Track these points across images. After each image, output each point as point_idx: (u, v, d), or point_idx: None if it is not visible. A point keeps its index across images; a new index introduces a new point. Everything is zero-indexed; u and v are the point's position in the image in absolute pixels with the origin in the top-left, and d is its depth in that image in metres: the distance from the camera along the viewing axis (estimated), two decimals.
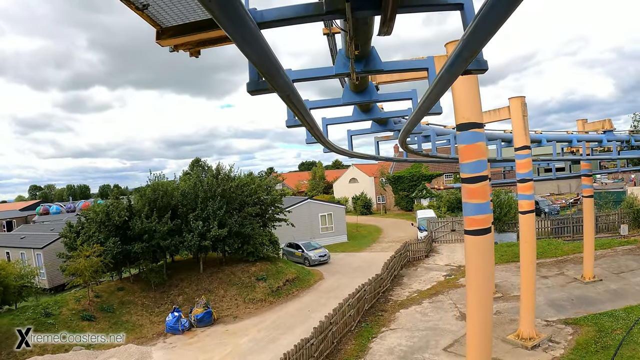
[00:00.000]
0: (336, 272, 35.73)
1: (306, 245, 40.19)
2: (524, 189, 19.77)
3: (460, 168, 12.26)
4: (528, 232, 20.01)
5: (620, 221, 42.81)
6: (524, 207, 19.71)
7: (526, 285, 20.19)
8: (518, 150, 19.58)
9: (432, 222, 44.03)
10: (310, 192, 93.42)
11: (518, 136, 19.36)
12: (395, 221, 66.81)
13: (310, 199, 51.40)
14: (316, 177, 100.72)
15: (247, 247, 31.24)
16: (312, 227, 48.76)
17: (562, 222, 43.17)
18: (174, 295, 29.59)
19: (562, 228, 42.85)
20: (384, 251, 43.20)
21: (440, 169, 73.92)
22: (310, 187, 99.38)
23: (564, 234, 42.25)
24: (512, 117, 19.44)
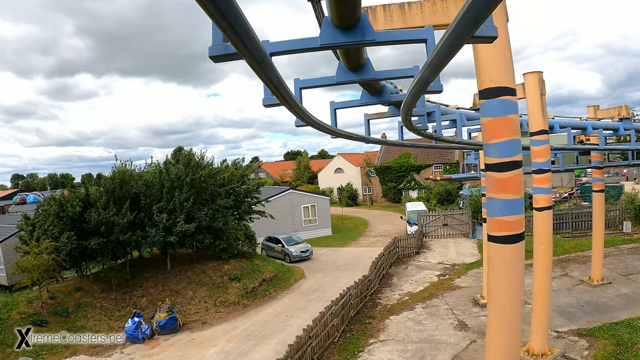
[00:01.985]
0: (319, 270, 32.65)
1: (287, 239, 37.09)
2: (540, 181, 16.83)
3: (485, 150, 9.16)
4: (545, 232, 17.19)
5: (622, 217, 40.72)
6: (540, 202, 16.76)
7: (540, 295, 17.56)
8: (534, 135, 16.59)
9: (422, 216, 41.04)
10: (294, 182, 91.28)
11: (534, 119, 16.47)
12: (382, 213, 63.80)
13: (293, 189, 48.23)
14: (301, 167, 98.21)
15: (220, 243, 28.01)
16: (294, 220, 45.72)
17: (561, 217, 40.67)
18: (137, 296, 26.35)
19: (560, 224, 40.34)
20: (371, 246, 40.37)
21: (430, 160, 71.72)
22: (294, 176, 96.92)
23: (563, 230, 40.15)
24: (528, 96, 16.55)
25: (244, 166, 33.31)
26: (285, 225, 44.07)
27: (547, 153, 16.68)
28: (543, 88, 16.54)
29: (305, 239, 42.10)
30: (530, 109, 16.47)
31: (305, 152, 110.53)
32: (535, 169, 16.80)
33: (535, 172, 16.85)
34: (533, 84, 16.36)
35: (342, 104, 8.47)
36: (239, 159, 33.68)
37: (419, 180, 68.88)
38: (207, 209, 27.06)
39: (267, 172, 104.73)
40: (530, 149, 16.85)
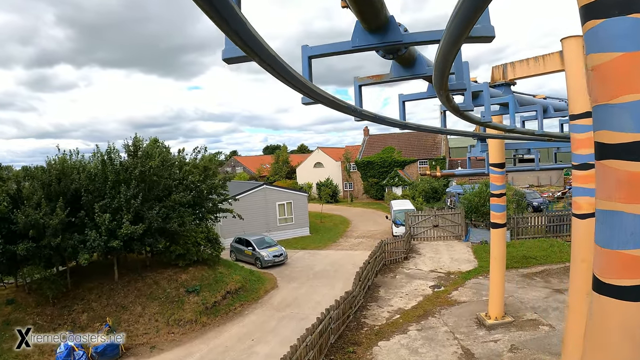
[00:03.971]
0: (294, 278, 28.36)
1: (258, 241, 32.69)
2: (585, 179, 12.75)
3: (600, 118, 4.97)
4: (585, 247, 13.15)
5: None
6: (583, 207, 12.71)
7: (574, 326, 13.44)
8: (577, 118, 12.53)
9: (411, 216, 36.86)
10: (272, 177, 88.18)
11: (578, 97, 12.36)
12: (364, 211, 59.40)
13: (267, 185, 43.80)
14: (279, 161, 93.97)
15: (175, 248, 23.67)
16: (268, 218, 41.37)
17: (560, 218, 36.97)
18: (77, 312, 21.90)
19: (560, 226, 36.71)
20: (353, 249, 36.25)
21: (414, 155, 68.29)
22: (272, 171, 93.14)
23: (562, 233, 36.38)
24: (568, 68, 12.61)
25: (208, 156, 28.74)
26: (258, 224, 39.83)
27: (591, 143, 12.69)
28: None
29: (281, 240, 38.36)
30: (571, 84, 12.50)
31: (284, 146, 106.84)
32: (578, 163, 12.76)
33: (577, 168, 12.82)
34: (575, 52, 12.36)
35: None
36: (200, 147, 29.03)
37: (404, 176, 65.01)
38: (159, 207, 22.64)
39: (244, 166, 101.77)
40: (571, 137, 12.88)
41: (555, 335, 18.17)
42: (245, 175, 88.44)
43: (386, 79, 5.60)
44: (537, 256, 29.32)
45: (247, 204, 38.47)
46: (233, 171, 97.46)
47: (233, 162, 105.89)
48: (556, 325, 19.08)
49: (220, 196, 27.89)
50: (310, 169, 79.89)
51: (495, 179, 19.29)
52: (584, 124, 12.48)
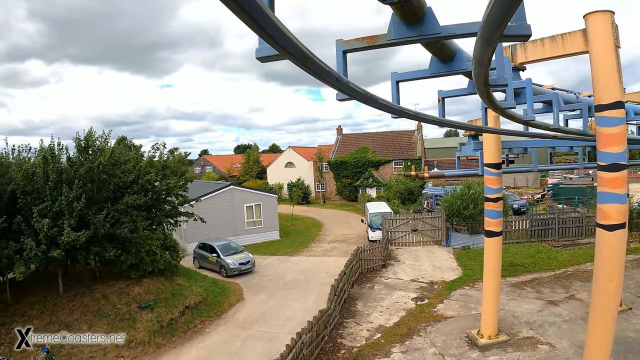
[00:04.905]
0: (262, 289, 25.75)
1: (223, 247, 29.93)
2: (614, 182, 10.53)
3: None
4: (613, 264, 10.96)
5: None
6: (612, 216, 10.52)
7: None
8: (604, 110, 10.24)
9: (388, 220, 34.47)
10: (243, 177, 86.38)
11: (606, 84, 10.32)
12: (337, 213, 56.96)
13: (234, 186, 40.86)
14: (250, 161, 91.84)
15: (127, 257, 20.81)
16: (235, 222, 38.56)
17: (545, 222, 35.24)
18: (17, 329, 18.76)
19: (545, 230, 35.11)
20: (326, 255, 33.76)
21: (389, 155, 66.39)
22: (243, 171, 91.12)
23: (548, 237, 34.90)
24: (593, 48, 10.42)
25: (177, 156, 25.94)
26: (225, 228, 37.17)
27: (623, 138, 10.41)
28: (617, 37, 10.34)
29: (249, 245, 36.16)
30: (597, 68, 10.30)
31: (255, 145, 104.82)
32: (606, 163, 10.46)
33: (604, 169, 10.53)
34: (602, 29, 10.19)
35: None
36: (159, 144, 26.04)
37: (378, 177, 62.84)
38: (109, 210, 19.83)
39: (214, 166, 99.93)
40: (597, 132, 10.57)
41: (557, 356, 16.15)
42: (214, 175, 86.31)
43: (382, 41, 4.52)
44: (525, 263, 27.46)
45: (212, 205, 36.18)
46: (203, 171, 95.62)
47: (203, 162, 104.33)
48: (556, 343, 17.08)
49: (180, 198, 25.19)
50: (282, 168, 77.37)
51: (490, 180, 16.89)
52: (614, 115, 10.24)
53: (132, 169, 22.12)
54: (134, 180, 21.95)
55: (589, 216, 36.04)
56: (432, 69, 6.11)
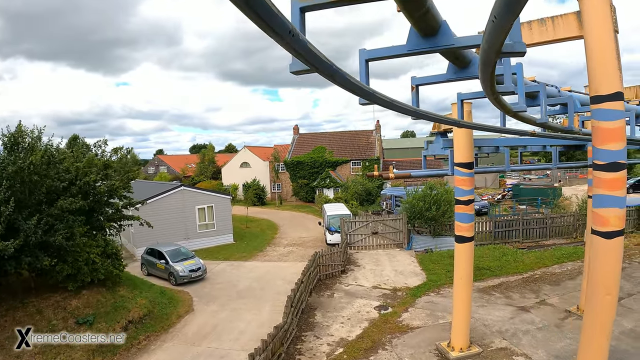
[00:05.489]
0: (213, 298, 23.84)
1: (173, 253, 27.84)
2: (612, 184, 9.22)
3: None
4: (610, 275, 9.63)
5: (576, 224, 35.41)
6: (610, 222, 9.26)
7: None
8: (602, 102, 8.97)
9: (347, 222, 32.97)
10: (197, 178, 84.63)
11: (603, 72, 8.98)
12: (293, 215, 55.19)
13: (185, 187, 38.44)
14: (205, 161, 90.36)
15: (63, 267, 18.72)
16: (186, 225, 36.43)
17: (509, 224, 34.41)
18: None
19: (510, 232, 34.34)
20: (282, 260, 32.02)
21: (347, 155, 65.14)
22: (198, 171, 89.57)
23: (512, 238, 34.07)
24: (589, 33, 9.05)
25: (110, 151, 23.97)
26: (176, 231, 35.18)
27: (623, 134, 9.10)
28: (616, 21, 9.20)
29: (201, 249, 34.44)
30: (594, 55, 8.99)
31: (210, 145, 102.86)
32: (604, 162, 9.13)
33: (601, 169, 9.22)
34: (600, 11, 8.84)
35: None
36: (101, 141, 23.96)
37: (335, 177, 61.46)
38: (41, 215, 17.83)
39: (168, 166, 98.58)
40: (593, 127, 9.22)
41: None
42: (166, 175, 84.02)
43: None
44: (491, 267, 26.41)
45: (162, 208, 34.33)
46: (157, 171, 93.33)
47: (157, 162, 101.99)
48: (532, 354, 16.02)
49: (124, 200, 23.25)
50: (237, 169, 75.49)
51: (461, 181, 15.47)
52: (614, 108, 8.92)
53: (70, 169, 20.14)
54: (71, 181, 19.97)
55: (553, 217, 35.69)
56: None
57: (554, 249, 30.71)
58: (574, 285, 23.45)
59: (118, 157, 24.02)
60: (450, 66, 6.61)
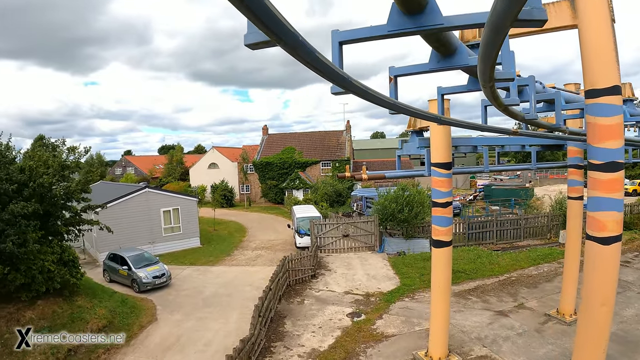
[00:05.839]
0: (178, 306, 22.68)
1: (136, 258, 26.49)
2: (608, 185, 8.45)
3: None
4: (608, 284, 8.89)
5: (550, 225, 35.20)
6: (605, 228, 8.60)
7: None
8: (598, 96, 8.27)
9: (317, 225, 32.03)
10: (165, 179, 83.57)
11: (600, 63, 8.38)
12: (262, 217, 53.93)
13: (149, 188, 37.07)
14: (173, 162, 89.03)
15: (16, 275, 17.42)
16: (151, 228, 35.12)
17: (482, 225, 33.90)
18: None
19: (483, 233, 33.81)
20: (250, 264, 30.90)
21: (317, 156, 64.29)
22: (166, 172, 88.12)
23: (486, 240, 33.51)
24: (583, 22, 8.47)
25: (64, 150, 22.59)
26: (141, 235, 33.87)
27: (621, 131, 8.34)
28: (612, 10, 8.52)
29: (167, 254, 33.36)
30: (589, 45, 8.36)
31: (178, 146, 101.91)
32: (600, 161, 8.36)
33: (597, 169, 8.45)
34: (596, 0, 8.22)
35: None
36: (59, 140, 22.61)
37: (305, 178, 60.58)
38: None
39: (135, 167, 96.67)
40: (589, 123, 8.43)
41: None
42: (132, 177, 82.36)
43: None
44: (467, 270, 25.79)
45: (126, 210, 33.09)
46: (124, 172, 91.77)
47: (124, 162, 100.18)
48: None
49: (83, 203, 22.02)
50: (205, 170, 74.11)
51: (439, 183, 14.62)
52: (612, 103, 8.16)
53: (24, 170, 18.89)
54: (24, 183, 18.71)
55: (527, 218, 35.44)
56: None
57: (529, 250, 30.31)
58: (551, 288, 23.02)
59: (75, 157, 22.60)
60: (434, 54, 5.82)
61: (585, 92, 8.41)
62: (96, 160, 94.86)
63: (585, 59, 8.24)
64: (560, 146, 19.74)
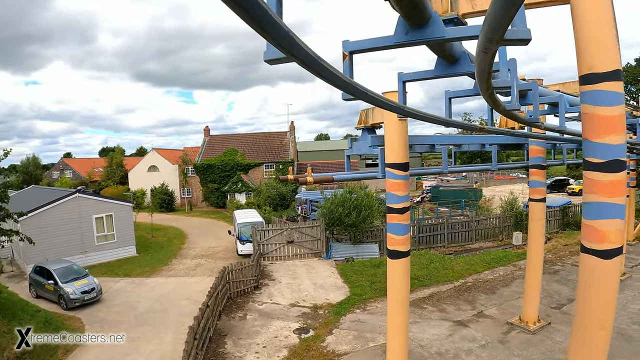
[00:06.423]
0: (109, 325, 20.35)
1: (63, 272, 24.08)
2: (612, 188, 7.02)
3: None
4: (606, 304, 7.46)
5: (502, 226, 34.25)
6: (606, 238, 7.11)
7: None
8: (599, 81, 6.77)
9: (259, 231, 30.16)
10: (104, 182, 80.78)
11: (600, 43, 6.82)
12: (203, 222, 51.72)
13: (80, 194, 33.86)
14: (112, 165, 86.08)
15: None
16: (83, 237, 32.41)
17: (433, 228, 32.93)
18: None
19: (434, 236, 32.86)
20: (189, 274, 28.85)
21: (259, 158, 62.77)
22: (105, 175, 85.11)
23: (437, 243, 32.59)
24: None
25: None
26: (72, 244, 31.29)
27: (623, 123, 6.95)
28: None
29: (100, 264, 31.27)
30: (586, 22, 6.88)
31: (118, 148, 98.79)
32: (602, 160, 6.91)
33: (597, 168, 6.99)
34: None
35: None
36: None
37: (248, 181, 58.80)
38: None
39: (74, 170, 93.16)
40: (585, 114, 6.97)
41: None
42: (68, 180, 79.04)
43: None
44: (420, 276, 24.56)
45: (55, 218, 30.58)
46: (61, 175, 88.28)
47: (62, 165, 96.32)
48: None
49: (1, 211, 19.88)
50: (144, 173, 71.43)
51: (395, 186, 12.97)
52: (614, 90, 6.79)
53: None
54: None
55: (479, 220, 34.82)
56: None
57: (483, 253, 29.42)
58: (510, 293, 22.00)
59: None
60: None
61: (581, 77, 6.93)
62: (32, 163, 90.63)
63: (581, 39, 6.76)
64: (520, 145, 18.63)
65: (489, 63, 3.99)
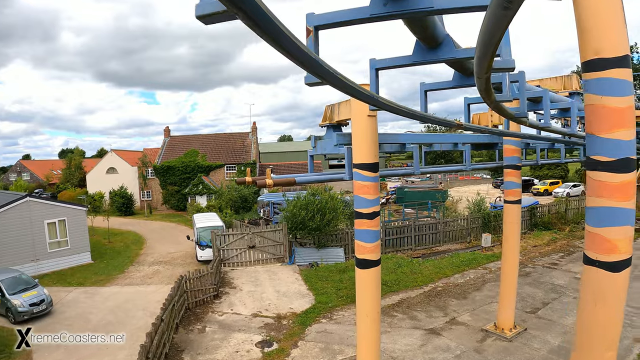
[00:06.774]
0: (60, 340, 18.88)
1: (10, 282, 22.47)
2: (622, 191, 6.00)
3: None
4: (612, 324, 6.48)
5: (469, 227, 33.98)
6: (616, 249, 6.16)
7: None
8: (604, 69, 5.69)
9: (219, 235, 28.86)
10: (63, 185, 78.25)
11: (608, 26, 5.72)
12: (163, 226, 50.17)
13: (31, 198, 32.30)
14: (71, 167, 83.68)
15: None
16: (35, 243, 30.71)
17: (399, 231, 32.16)
18: None
19: (401, 239, 32.12)
20: (146, 282, 27.43)
21: (221, 159, 61.62)
22: (64, 178, 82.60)
23: (404, 246, 31.90)
24: None
25: None
26: (22, 252, 29.73)
27: (633, 117, 6.03)
28: None
29: (53, 272, 29.78)
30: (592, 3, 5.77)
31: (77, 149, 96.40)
32: (611, 158, 5.92)
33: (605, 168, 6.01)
34: None
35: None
36: None
37: (209, 183, 57.47)
38: None
39: (31, 172, 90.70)
40: (589, 106, 6.00)
41: None
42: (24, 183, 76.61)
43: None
44: (388, 281, 23.73)
45: (2, 224, 28.93)
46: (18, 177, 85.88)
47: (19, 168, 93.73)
48: None
49: None
50: (103, 175, 69.93)
51: (363, 188, 11.79)
52: (623, 78, 5.85)
53: None
54: None
55: (447, 221, 34.35)
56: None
57: (452, 255, 28.74)
58: (482, 298, 21.28)
59: None
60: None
61: (584, 64, 5.95)
62: None
63: (584, 21, 5.76)
64: (492, 145, 17.80)
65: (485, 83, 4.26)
